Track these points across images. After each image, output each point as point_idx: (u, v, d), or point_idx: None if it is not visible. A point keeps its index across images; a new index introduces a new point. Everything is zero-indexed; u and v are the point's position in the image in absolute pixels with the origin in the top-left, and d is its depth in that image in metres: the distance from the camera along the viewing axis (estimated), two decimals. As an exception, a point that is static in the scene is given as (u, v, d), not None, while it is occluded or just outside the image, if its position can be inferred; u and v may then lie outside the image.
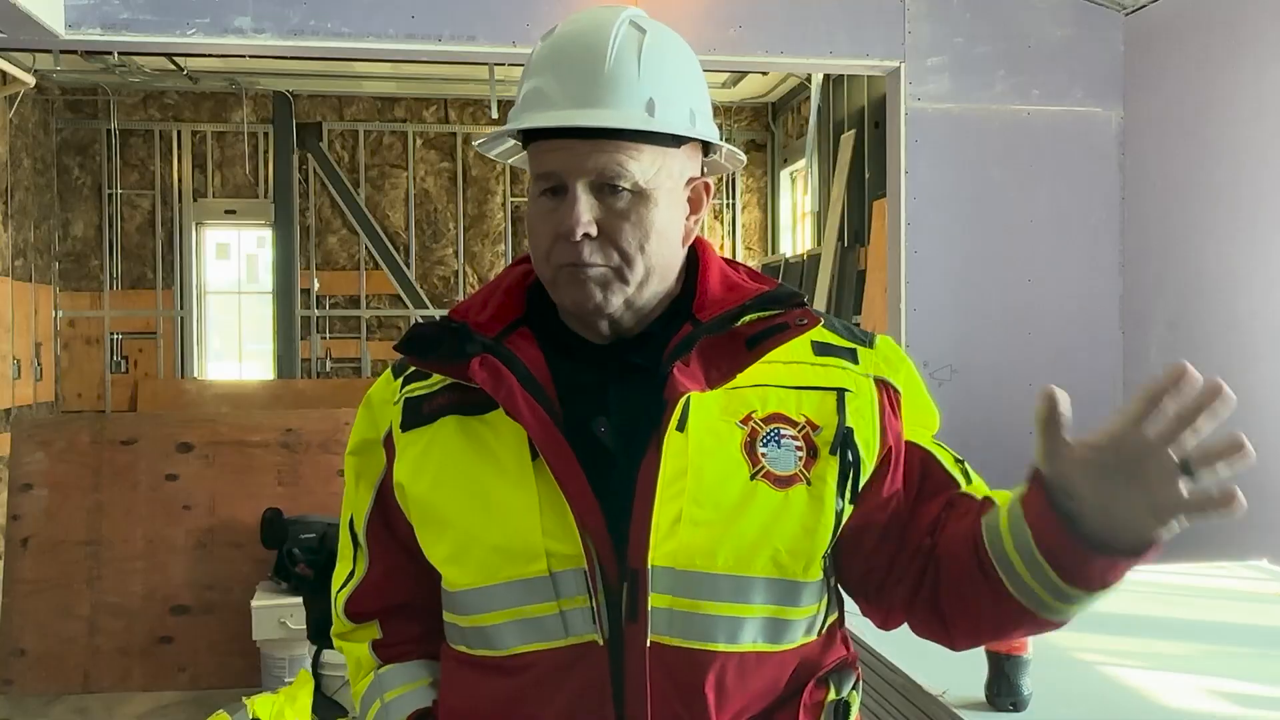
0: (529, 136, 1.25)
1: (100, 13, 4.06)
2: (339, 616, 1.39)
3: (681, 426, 1.17)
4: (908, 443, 1.26)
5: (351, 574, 1.38)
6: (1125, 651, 2.19)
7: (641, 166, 1.19)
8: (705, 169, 1.30)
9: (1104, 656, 2.15)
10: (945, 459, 1.27)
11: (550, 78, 1.22)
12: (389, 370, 1.36)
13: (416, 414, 1.27)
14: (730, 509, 1.16)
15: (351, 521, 1.38)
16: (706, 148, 1.30)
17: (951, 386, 4.42)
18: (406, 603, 1.34)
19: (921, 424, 1.29)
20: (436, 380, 1.28)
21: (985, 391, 4.44)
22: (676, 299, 1.27)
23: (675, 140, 1.22)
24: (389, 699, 1.33)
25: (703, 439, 1.18)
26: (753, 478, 1.18)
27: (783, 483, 1.18)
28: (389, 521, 1.32)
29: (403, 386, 1.31)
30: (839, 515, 1.21)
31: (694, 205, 1.27)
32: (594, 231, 1.18)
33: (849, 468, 1.21)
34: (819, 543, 1.19)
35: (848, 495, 1.21)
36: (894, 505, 1.24)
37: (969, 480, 1.26)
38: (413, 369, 1.31)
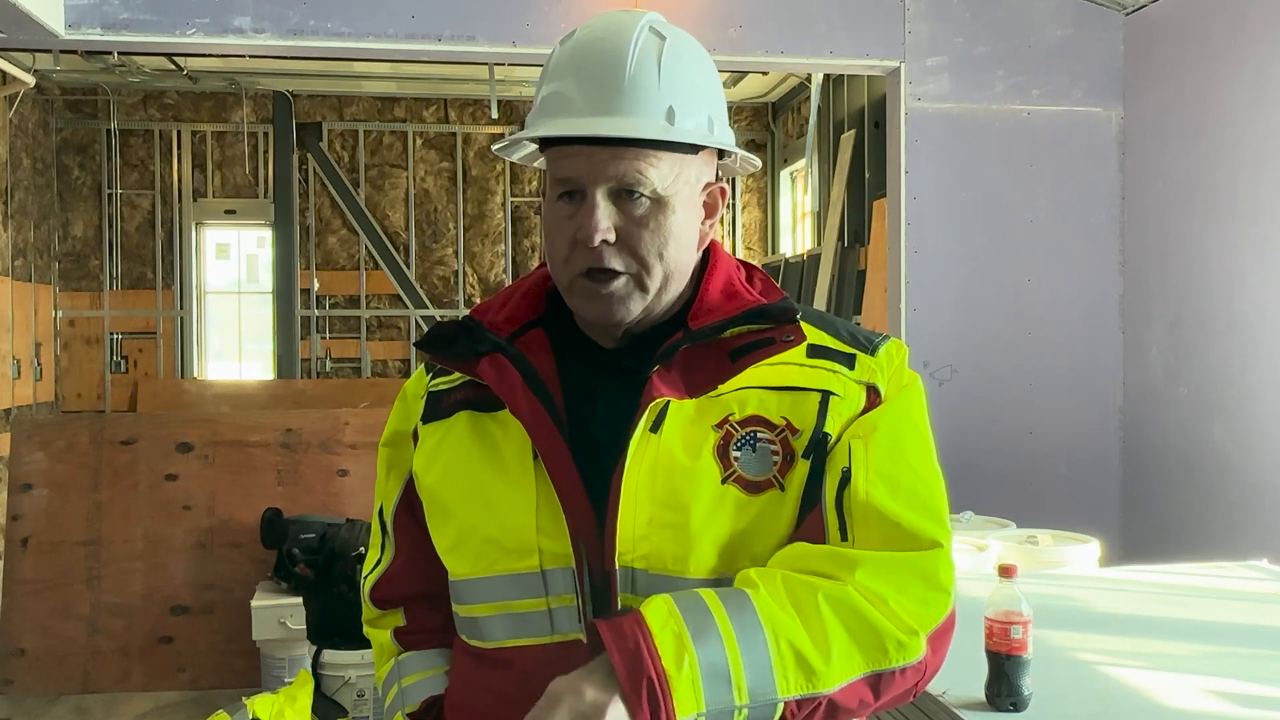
0: (547, 140, 1.25)
1: (100, 13, 4.06)
2: (366, 603, 1.43)
3: (656, 430, 1.17)
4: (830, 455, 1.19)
5: (379, 561, 1.42)
6: (1125, 651, 2.19)
7: (660, 174, 1.19)
8: (719, 172, 1.31)
9: (1104, 656, 2.15)
10: (829, 498, 1.17)
11: (570, 83, 1.21)
12: (423, 365, 1.39)
13: (436, 408, 1.31)
14: (700, 513, 1.16)
15: (381, 511, 1.41)
16: (722, 151, 1.30)
17: (951, 386, 4.43)
18: (429, 592, 1.36)
19: (865, 421, 1.20)
20: (458, 377, 1.30)
21: (985, 391, 4.45)
22: (686, 303, 1.27)
23: (693, 147, 1.22)
24: (405, 684, 1.37)
25: (674, 442, 1.18)
26: (724, 482, 1.17)
27: (755, 488, 1.17)
28: (415, 512, 1.35)
29: (430, 381, 1.34)
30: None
31: (709, 210, 1.27)
32: (612, 238, 1.19)
33: (819, 474, 1.19)
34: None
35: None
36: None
37: (837, 515, 1.16)
38: (440, 365, 1.34)
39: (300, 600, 4.22)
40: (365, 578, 1.43)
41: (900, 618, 1.11)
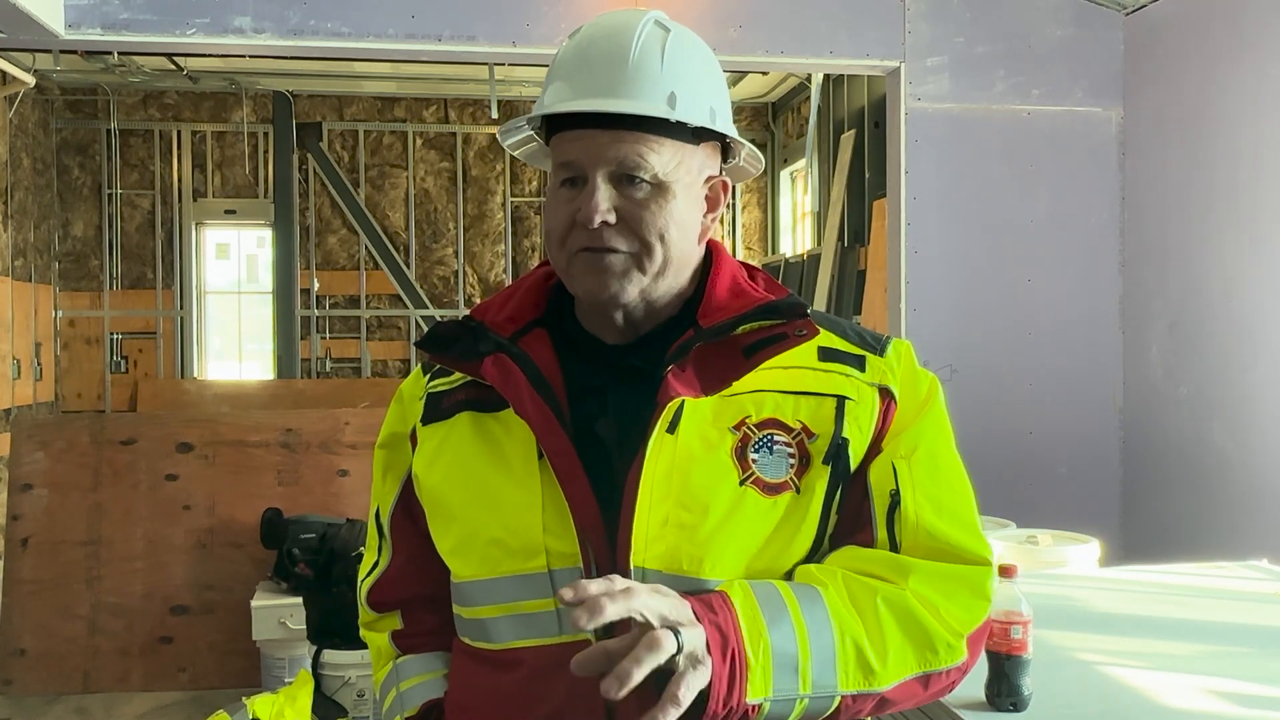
0: (551, 129, 1.25)
1: (100, 13, 4.06)
2: (363, 606, 1.42)
3: (673, 430, 1.17)
4: (869, 468, 1.22)
5: (376, 564, 1.41)
6: (1125, 651, 2.19)
7: (661, 159, 1.20)
8: (724, 173, 1.31)
9: (1104, 656, 2.15)
10: (879, 519, 1.20)
11: (575, 71, 1.23)
12: (419, 366, 1.39)
13: (436, 409, 1.30)
14: (717, 514, 1.16)
15: (378, 513, 1.40)
16: (725, 153, 1.30)
17: (951, 386, 4.41)
18: (427, 594, 1.36)
19: (905, 441, 1.22)
20: (458, 377, 1.30)
21: (985, 391, 4.44)
22: (688, 301, 1.28)
23: (695, 137, 1.23)
24: (404, 688, 1.36)
25: (691, 443, 1.18)
26: (742, 483, 1.18)
27: (772, 490, 1.18)
28: (412, 514, 1.34)
29: (429, 382, 1.33)
30: (823, 525, 1.20)
31: (711, 203, 1.28)
32: (613, 219, 1.19)
33: (839, 479, 1.20)
34: (796, 552, 1.19)
35: (834, 506, 1.20)
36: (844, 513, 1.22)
37: (889, 537, 1.19)
38: (439, 366, 1.33)
39: (300, 600, 4.22)
40: (361, 581, 1.42)
41: (949, 623, 1.17)
